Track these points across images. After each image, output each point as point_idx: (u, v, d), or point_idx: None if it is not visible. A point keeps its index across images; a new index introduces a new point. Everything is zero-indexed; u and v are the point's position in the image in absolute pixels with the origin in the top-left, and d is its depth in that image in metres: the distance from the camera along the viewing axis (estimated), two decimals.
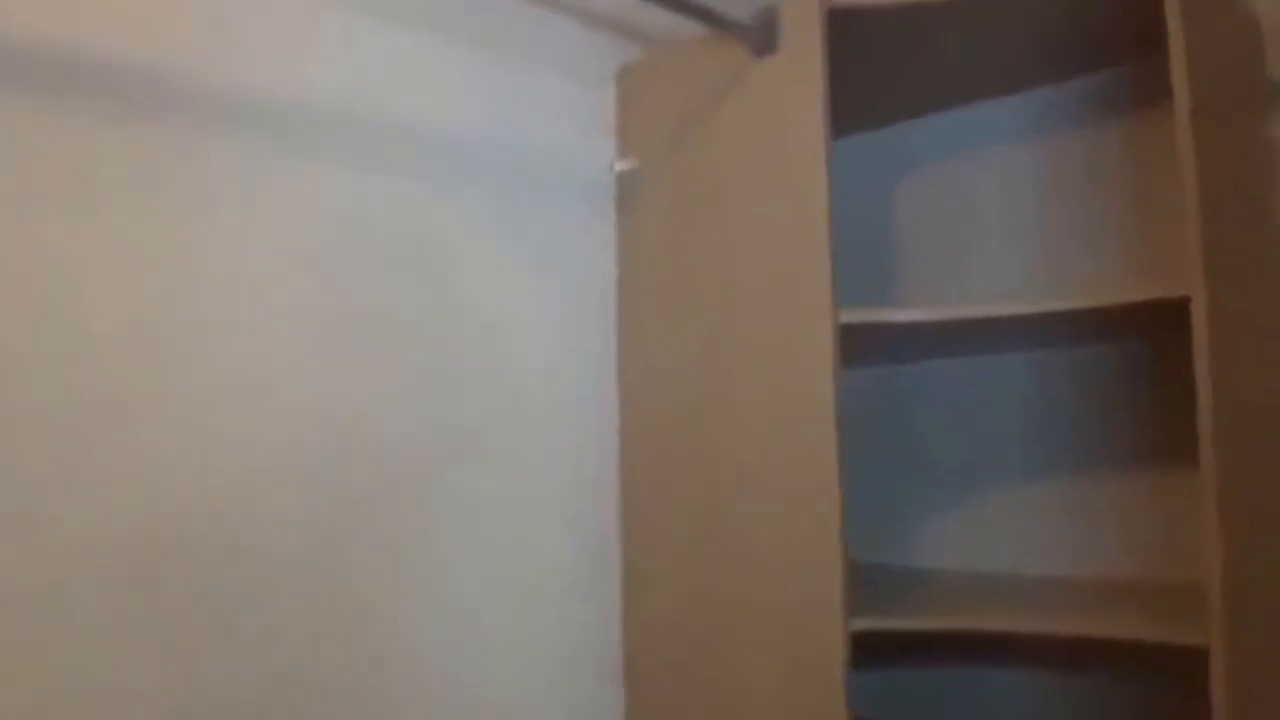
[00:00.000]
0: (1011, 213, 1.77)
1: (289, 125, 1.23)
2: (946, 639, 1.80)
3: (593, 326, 1.59)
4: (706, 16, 1.38)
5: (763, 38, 1.45)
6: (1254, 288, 1.43)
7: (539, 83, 1.54)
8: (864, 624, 1.36)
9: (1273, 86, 1.54)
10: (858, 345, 1.57)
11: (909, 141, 1.90)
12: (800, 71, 1.42)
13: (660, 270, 1.57)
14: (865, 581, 1.65)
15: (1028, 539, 1.71)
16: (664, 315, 1.56)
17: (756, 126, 1.47)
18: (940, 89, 1.75)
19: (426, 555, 1.34)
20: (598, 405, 1.58)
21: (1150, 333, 1.57)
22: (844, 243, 1.94)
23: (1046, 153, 1.74)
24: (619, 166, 1.62)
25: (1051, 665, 1.70)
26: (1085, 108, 1.71)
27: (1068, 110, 1.72)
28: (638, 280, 1.60)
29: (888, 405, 1.90)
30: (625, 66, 1.65)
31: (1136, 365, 1.64)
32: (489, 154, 1.45)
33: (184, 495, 1.11)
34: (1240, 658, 1.21)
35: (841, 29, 1.46)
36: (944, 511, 1.81)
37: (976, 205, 1.81)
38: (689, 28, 1.78)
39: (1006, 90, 1.76)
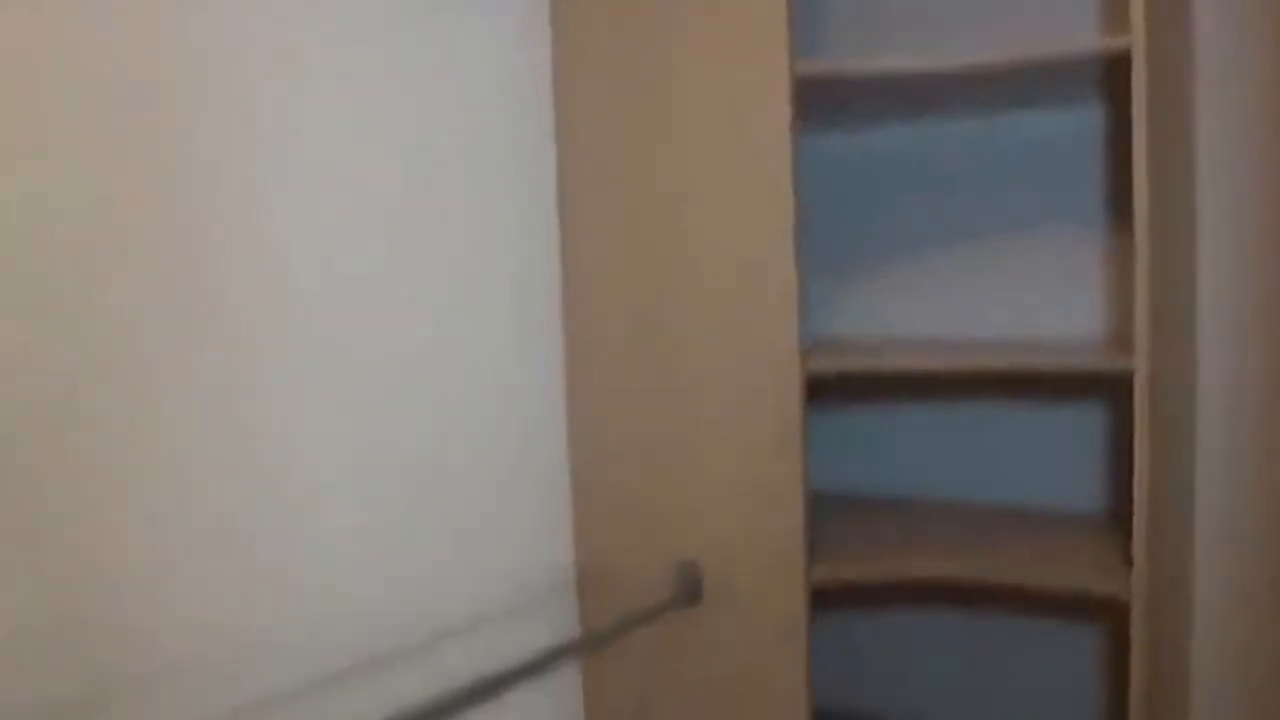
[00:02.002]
0: None
1: None
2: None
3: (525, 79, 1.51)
4: None
5: None
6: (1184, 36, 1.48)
7: None
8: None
9: None
10: (813, 103, 1.56)
11: None
12: None
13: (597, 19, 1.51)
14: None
15: (980, 304, 1.77)
16: (604, 71, 1.50)
17: None
18: None
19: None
20: (537, 172, 1.53)
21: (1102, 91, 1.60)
22: None
23: None
24: None
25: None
26: None
27: None
28: (575, 30, 1.53)
29: (840, 172, 1.89)
30: None
31: (1088, 130, 1.68)
32: None
33: None
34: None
35: None
36: (896, 279, 1.84)
37: None
38: None
39: None
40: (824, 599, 1.91)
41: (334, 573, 1.22)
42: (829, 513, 1.76)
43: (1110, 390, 1.67)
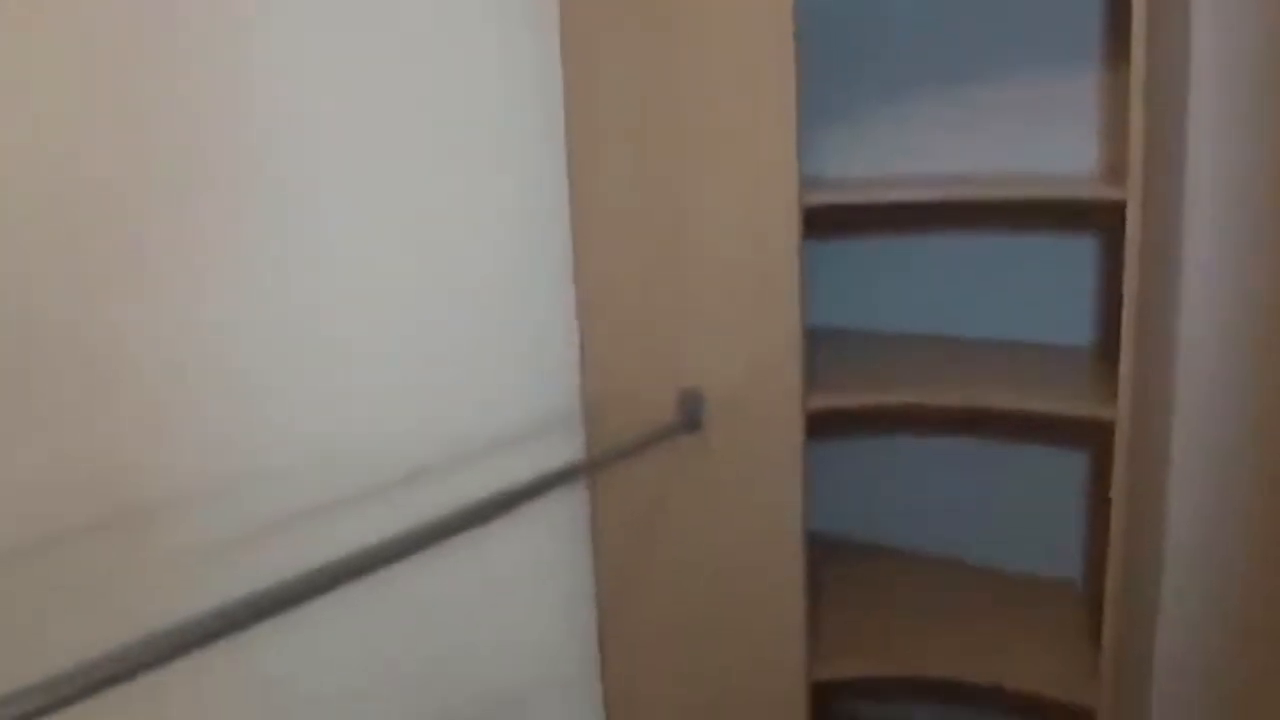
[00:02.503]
0: None
1: None
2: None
3: None
4: None
5: None
6: None
7: None
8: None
9: None
10: None
11: None
12: None
13: None
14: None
15: (977, 143, 1.78)
16: None
17: None
18: None
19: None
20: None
21: None
22: None
23: None
24: None
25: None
26: None
27: None
28: None
29: (836, 13, 1.88)
30: None
31: None
32: None
33: None
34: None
35: None
36: (892, 119, 1.85)
37: None
38: None
39: None
40: (819, 428, 1.96)
41: (360, 401, 1.27)
42: (825, 346, 1.80)
43: (1102, 225, 1.70)
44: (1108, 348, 1.68)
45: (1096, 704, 1.46)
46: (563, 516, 1.63)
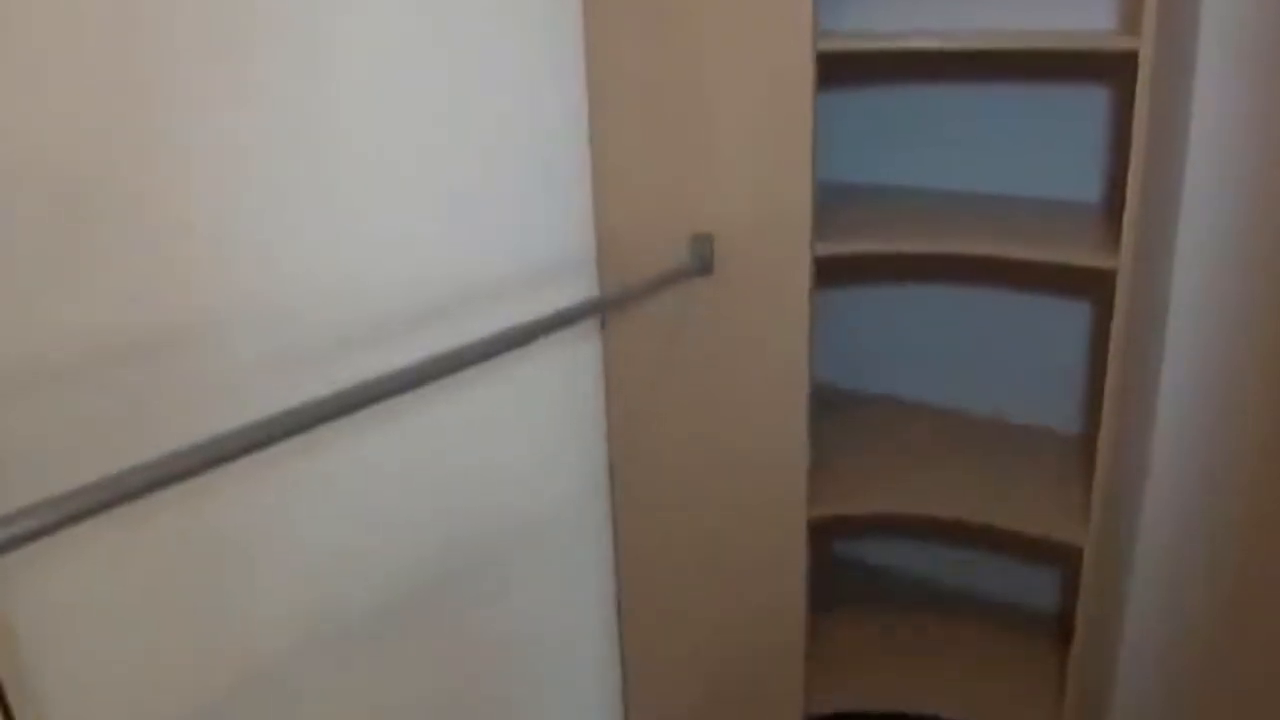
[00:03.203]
0: None
1: None
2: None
3: None
4: None
5: None
6: None
7: None
8: None
9: None
10: None
11: None
12: None
13: None
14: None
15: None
16: None
17: None
18: None
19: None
20: None
21: None
22: None
23: None
24: None
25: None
26: None
27: None
28: None
29: None
30: None
31: None
32: None
33: None
34: None
35: None
36: None
37: None
38: None
39: None
40: (827, 276, 2.00)
41: (381, 241, 1.31)
42: (835, 197, 1.82)
43: (1115, 79, 1.71)
44: (1115, 205, 1.70)
45: (1084, 543, 1.53)
46: (577, 357, 1.69)
